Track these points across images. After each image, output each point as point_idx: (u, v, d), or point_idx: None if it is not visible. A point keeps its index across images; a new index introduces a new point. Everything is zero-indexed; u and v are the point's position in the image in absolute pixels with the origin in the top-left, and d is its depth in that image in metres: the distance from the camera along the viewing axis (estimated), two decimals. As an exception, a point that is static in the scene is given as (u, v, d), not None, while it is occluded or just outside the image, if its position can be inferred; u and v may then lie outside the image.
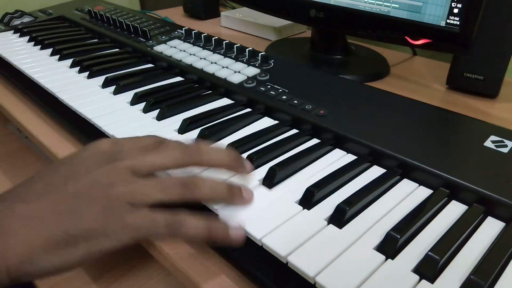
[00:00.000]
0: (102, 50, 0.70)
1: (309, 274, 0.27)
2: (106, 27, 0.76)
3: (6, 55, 0.67)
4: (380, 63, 0.71)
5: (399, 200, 0.35)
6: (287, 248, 0.29)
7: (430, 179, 0.36)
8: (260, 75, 0.55)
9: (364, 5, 0.60)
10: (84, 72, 0.60)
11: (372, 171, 0.39)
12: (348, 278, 0.27)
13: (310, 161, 0.40)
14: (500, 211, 0.33)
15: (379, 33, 0.60)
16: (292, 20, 0.80)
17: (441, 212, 0.34)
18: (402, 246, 0.30)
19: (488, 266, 0.28)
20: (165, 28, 0.73)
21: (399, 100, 0.48)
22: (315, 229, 0.31)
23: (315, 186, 0.35)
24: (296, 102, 0.47)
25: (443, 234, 0.31)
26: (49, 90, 0.55)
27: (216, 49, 0.63)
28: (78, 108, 0.49)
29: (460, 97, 0.61)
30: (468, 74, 0.60)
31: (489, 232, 0.32)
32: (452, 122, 0.44)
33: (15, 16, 0.85)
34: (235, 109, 0.50)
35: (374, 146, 0.40)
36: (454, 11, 0.52)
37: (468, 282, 0.27)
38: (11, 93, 0.61)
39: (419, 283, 0.27)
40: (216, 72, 0.56)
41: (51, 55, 0.67)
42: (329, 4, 0.64)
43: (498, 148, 0.38)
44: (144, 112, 0.49)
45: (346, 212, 0.32)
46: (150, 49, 0.66)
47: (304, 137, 0.44)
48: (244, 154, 0.40)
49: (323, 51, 0.73)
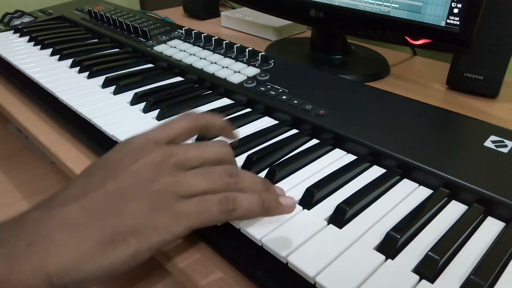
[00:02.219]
0: (102, 50, 0.70)
1: (309, 274, 0.27)
2: (106, 27, 0.76)
3: (6, 55, 0.67)
4: (380, 63, 0.71)
5: (399, 200, 0.35)
6: (287, 248, 0.29)
7: (430, 179, 0.36)
8: (260, 75, 0.55)
9: (364, 5, 0.60)
10: (84, 72, 0.60)
11: (372, 171, 0.39)
12: (348, 278, 0.27)
13: (310, 161, 0.40)
14: (500, 211, 0.33)
15: (379, 33, 0.60)
16: (292, 20, 0.80)
17: (441, 212, 0.34)
18: (402, 246, 0.30)
19: (488, 266, 0.28)
20: (165, 28, 0.73)
21: (399, 100, 0.48)
22: (315, 229, 0.31)
23: (315, 186, 0.35)
24: (296, 102, 0.47)
25: (443, 234, 0.31)
26: (49, 90, 0.55)
27: (216, 49, 0.63)
28: (78, 108, 0.49)
29: (460, 97, 0.61)
30: (468, 74, 0.60)
31: (489, 232, 0.32)
32: (452, 122, 0.44)
33: (15, 16, 0.85)
34: (235, 109, 0.50)
35: (374, 146, 0.40)
36: (454, 11, 0.52)
37: (468, 282, 0.27)
38: (11, 93, 0.60)
39: (419, 283, 0.27)
40: (216, 72, 0.56)
41: (51, 55, 0.67)
42: (329, 4, 0.64)
43: (498, 148, 0.38)
44: (144, 112, 0.49)
45: (346, 212, 0.32)
46: (150, 49, 0.66)
47: (304, 137, 0.44)
48: (244, 154, 0.40)
49: (323, 51, 0.73)
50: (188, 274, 0.31)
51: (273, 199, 0.31)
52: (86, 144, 0.47)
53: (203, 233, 0.33)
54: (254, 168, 0.39)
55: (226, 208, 0.29)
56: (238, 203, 0.29)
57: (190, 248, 0.34)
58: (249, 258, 0.31)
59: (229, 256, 0.32)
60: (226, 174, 0.30)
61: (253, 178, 0.32)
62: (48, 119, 0.53)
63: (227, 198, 0.29)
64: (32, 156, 0.76)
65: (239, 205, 0.29)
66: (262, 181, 0.32)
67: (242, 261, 0.31)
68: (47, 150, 0.48)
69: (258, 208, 0.30)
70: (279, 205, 0.31)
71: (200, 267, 0.32)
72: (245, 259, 0.31)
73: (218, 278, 0.31)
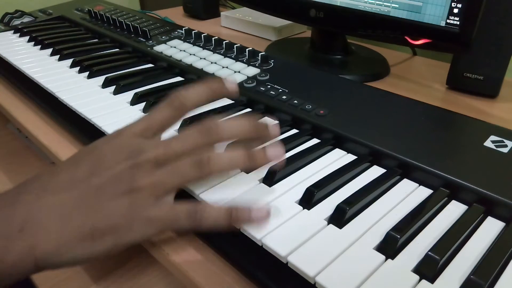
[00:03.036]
0: (102, 50, 0.70)
1: (309, 274, 0.27)
2: (106, 27, 0.76)
3: (6, 55, 0.67)
4: (380, 63, 0.71)
5: (399, 200, 0.35)
6: (287, 248, 0.29)
7: (430, 179, 0.36)
8: (260, 75, 0.55)
9: (364, 5, 0.60)
10: (84, 72, 0.60)
11: (372, 171, 0.39)
12: (348, 278, 0.27)
13: (310, 161, 0.40)
14: (500, 211, 0.33)
15: (379, 33, 0.60)
16: (292, 20, 0.80)
17: (441, 212, 0.34)
18: (402, 246, 0.30)
19: (488, 266, 0.28)
20: (165, 28, 0.73)
21: (399, 100, 0.48)
22: (315, 229, 0.31)
23: (315, 186, 0.35)
24: (296, 102, 0.47)
25: (443, 234, 0.31)
26: (49, 90, 0.55)
27: (216, 49, 0.63)
28: (78, 108, 0.49)
29: (460, 97, 0.61)
30: (468, 74, 0.60)
31: (489, 232, 0.32)
32: (452, 122, 0.44)
33: (15, 16, 0.85)
34: (235, 109, 0.50)
35: (374, 146, 0.40)
36: (454, 11, 0.52)
37: (468, 282, 0.27)
38: (11, 93, 0.60)
39: (419, 283, 0.27)
40: (216, 72, 0.56)
41: (51, 55, 0.67)
42: (329, 4, 0.64)
43: (498, 148, 0.38)
44: (144, 112, 0.49)
45: (346, 212, 0.32)
46: (150, 49, 0.66)
47: (304, 137, 0.44)
48: (244, 154, 0.40)
49: (323, 51, 0.73)
50: (188, 274, 0.31)
51: (243, 211, 0.31)
52: (86, 144, 0.47)
53: (204, 233, 0.33)
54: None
55: (194, 219, 0.31)
56: (206, 214, 0.31)
57: (190, 248, 0.34)
58: (249, 258, 0.31)
59: (229, 256, 0.32)
60: (196, 166, 0.32)
61: (230, 156, 0.33)
62: (48, 119, 0.53)
63: (196, 211, 0.31)
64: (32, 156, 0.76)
65: (207, 217, 0.31)
66: (242, 156, 0.33)
67: (242, 261, 0.31)
68: (47, 150, 0.48)
69: (226, 220, 0.31)
70: (248, 220, 0.31)
71: (200, 267, 0.32)
72: (245, 259, 0.31)
73: (218, 278, 0.31)
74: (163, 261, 0.34)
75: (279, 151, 0.34)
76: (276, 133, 0.36)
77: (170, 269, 0.34)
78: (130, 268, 0.55)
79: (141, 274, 0.55)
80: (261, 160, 0.34)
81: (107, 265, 0.56)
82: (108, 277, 0.54)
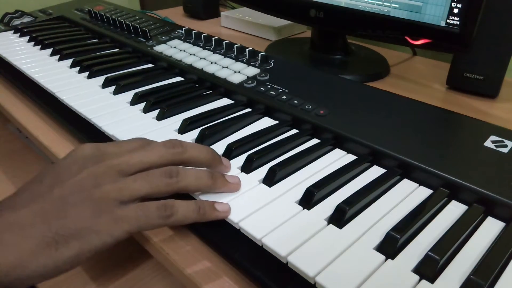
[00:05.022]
0: (102, 50, 0.70)
1: (309, 274, 0.27)
2: (106, 27, 0.76)
3: (6, 55, 0.67)
4: (380, 63, 0.71)
5: (399, 200, 0.35)
6: (287, 248, 0.29)
7: (430, 179, 0.36)
8: (260, 75, 0.55)
9: (364, 5, 0.60)
10: (84, 72, 0.60)
11: (372, 171, 0.39)
12: (348, 278, 0.27)
13: (310, 161, 0.40)
14: (500, 211, 0.33)
15: (379, 33, 0.60)
16: (292, 20, 0.80)
17: (441, 212, 0.34)
18: (402, 246, 0.30)
19: (488, 266, 0.28)
20: (165, 28, 0.73)
21: (399, 100, 0.48)
22: (315, 229, 0.31)
23: (315, 186, 0.35)
24: (296, 102, 0.47)
25: (443, 234, 0.31)
26: (49, 90, 0.55)
27: (216, 49, 0.63)
28: (78, 108, 0.49)
29: (460, 97, 0.61)
30: (468, 74, 0.60)
31: (489, 232, 0.32)
32: (452, 122, 0.44)
33: (15, 16, 0.85)
34: (235, 109, 0.50)
35: (374, 146, 0.40)
36: (454, 11, 0.52)
37: (468, 282, 0.27)
38: (11, 93, 0.61)
39: (419, 283, 0.27)
40: (216, 72, 0.56)
41: (51, 55, 0.67)
42: (329, 4, 0.64)
43: (498, 148, 0.38)
44: (144, 112, 0.49)
45: (346, 212, 0.32)
46: (150, 49, 0.66)
47: (304, 137, 0.44)
48: (244, 154, 0.40)
49: (323, 51, 0.73)
50: (188, 274, 0.31)
51: (208, 204, 0.33)
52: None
53: (204, 233, 0.34)
54: (254, 168, 0.39)
55: (164, 214, 0.31)
56: (175, 209, 0.31)
57: (190, 248, 0.34)
58: (249, 258, 0.31)
59: (229, 256, 0.32)
60: (165, 175, 0.32)
61: (196, 173, 0.34)
62: (48, 119, 0.53)
63: (165, 205, 0.31)
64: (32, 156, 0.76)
65: (176, 211, 0.31)
66: (207, 175, 0.34)
67: (242, 261, 0.31)
68: (47, 150, 0.48)
69: (194, 213, 0.32)
70: (214, 211, 0.33)
71: (200, 267, 0.32)
72: (246, 260, 0.31)
73: (218, 278, 0.31)
74: (163, 261, 0.34)
75: (238, 180, 0.36)
76: (228, 167, 0.38)
77: (170, 269, 0.34)
78: (130, 269, 0.55)
79: (141, 275, 0.55)
80: (222, 183, 0.35)
81: (107, 266, 0.56)
82: (108, 277, 0.54)
